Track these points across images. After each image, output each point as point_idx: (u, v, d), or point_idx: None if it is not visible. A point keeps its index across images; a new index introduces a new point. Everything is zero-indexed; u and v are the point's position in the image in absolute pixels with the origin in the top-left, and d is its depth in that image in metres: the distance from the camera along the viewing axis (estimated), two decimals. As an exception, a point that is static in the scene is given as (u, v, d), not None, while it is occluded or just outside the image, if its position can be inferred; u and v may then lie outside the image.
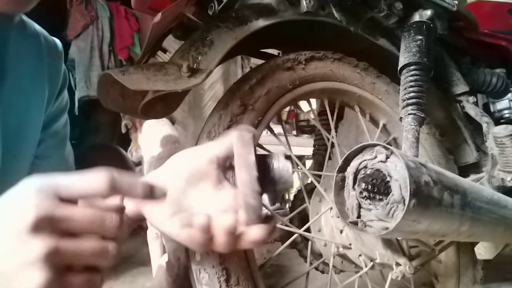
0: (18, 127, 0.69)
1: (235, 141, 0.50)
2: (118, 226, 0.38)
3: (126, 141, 2.72)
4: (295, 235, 0.90)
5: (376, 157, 0.59)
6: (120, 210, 0.40)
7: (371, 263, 0.81)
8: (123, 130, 2.19)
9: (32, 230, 0.32)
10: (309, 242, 0.92)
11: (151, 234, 1.84)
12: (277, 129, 3.28)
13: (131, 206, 0.49)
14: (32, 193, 0.34)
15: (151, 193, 0.42)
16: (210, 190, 0.50)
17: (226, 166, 0.52)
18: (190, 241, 0.48)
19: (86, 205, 0.37)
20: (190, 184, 0.50)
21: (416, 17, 0.98)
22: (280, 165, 0.52)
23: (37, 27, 0.74)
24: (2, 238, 0.32)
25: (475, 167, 1.13)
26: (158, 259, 1.76)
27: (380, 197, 0.56)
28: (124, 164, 0.98)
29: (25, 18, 0.72)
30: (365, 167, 0.59)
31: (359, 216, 0.59)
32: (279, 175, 0.51)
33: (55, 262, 0.33)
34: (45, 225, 0.33)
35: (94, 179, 0.37)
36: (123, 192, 0.39)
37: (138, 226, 2.82)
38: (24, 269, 0.32)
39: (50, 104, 0.76)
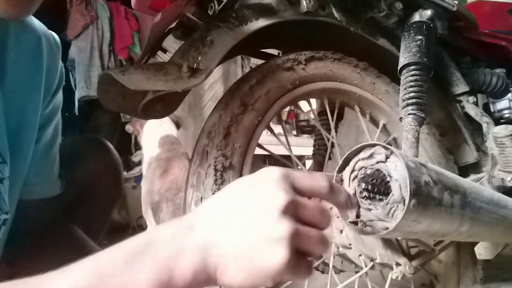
0: (19, 123, 0.69)
1: None
2: (330, 223, 0.42)
3: (126, 141, 2.73)
4: (295, 235, 0.90)
5: (375, 157, 0.59)
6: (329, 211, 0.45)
7: (371, 263, 0.81)
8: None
9: (282, 212, 0.36)
10: (309, 242, 0.91)
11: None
12: (277, 129, 3.29)
13: None
14: (278, 180, 0.38)
15: (349, 205, 0.49)
16: None
17: None
18: None
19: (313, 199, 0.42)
20: None
21: (416, 17, 0.98)
22: None
23: (36, 21, 0.74)
24: (255, 215, 0.37)
25: (475, 167, 1.12)
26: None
27: (380, 197, 0.56)
28: (110, 158, 0.98)
29: None
30: (365, 167, 0.59)
31: (358, 216, 0.59)
32: None
33: (293, 243, 0.37)
34: (291, 209, 0.37)
35: (321, 178, 0.42)
36: (336, 197, 0.45)
37: (137, 226, 2.82)
38: (270, 244, 0.35)
39: (46, 99, 0.76)
